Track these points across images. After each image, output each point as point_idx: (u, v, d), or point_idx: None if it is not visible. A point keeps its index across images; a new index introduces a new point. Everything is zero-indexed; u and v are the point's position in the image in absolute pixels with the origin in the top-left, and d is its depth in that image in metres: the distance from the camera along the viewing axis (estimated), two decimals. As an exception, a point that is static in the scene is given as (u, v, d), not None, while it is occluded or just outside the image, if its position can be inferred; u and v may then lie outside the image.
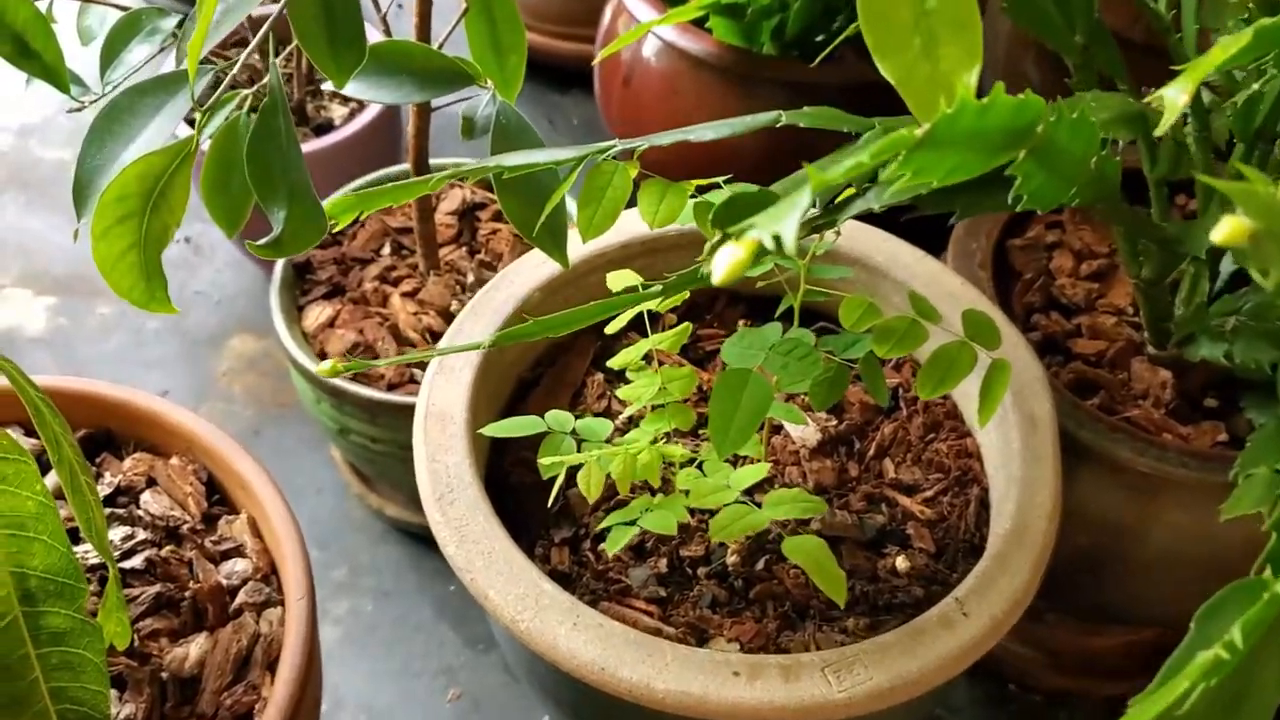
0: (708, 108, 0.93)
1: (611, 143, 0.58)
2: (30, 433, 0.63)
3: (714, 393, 0.56)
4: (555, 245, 0.62)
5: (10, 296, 1.15)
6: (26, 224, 1.22)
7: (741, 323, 0.76)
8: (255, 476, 0.61)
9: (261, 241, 0.57)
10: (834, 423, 0.70)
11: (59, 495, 0.58)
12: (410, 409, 0.80)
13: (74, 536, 0.56)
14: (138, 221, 0.52)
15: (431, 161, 0.83)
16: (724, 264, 0.31)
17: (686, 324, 0.66)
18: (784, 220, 0.32)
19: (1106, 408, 0.73)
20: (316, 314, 0.86)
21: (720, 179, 0.59)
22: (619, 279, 0.69)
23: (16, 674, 0.49)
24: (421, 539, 0.96)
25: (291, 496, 0.96)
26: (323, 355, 0.84)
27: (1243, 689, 0.37)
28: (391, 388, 0.82)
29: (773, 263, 0.63)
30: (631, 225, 0.74)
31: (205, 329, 1.12)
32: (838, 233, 0.57)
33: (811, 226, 0.54)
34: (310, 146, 0.96)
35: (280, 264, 0.88)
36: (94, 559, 0.58)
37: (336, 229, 0.70)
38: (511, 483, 0.69)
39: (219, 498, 0.63)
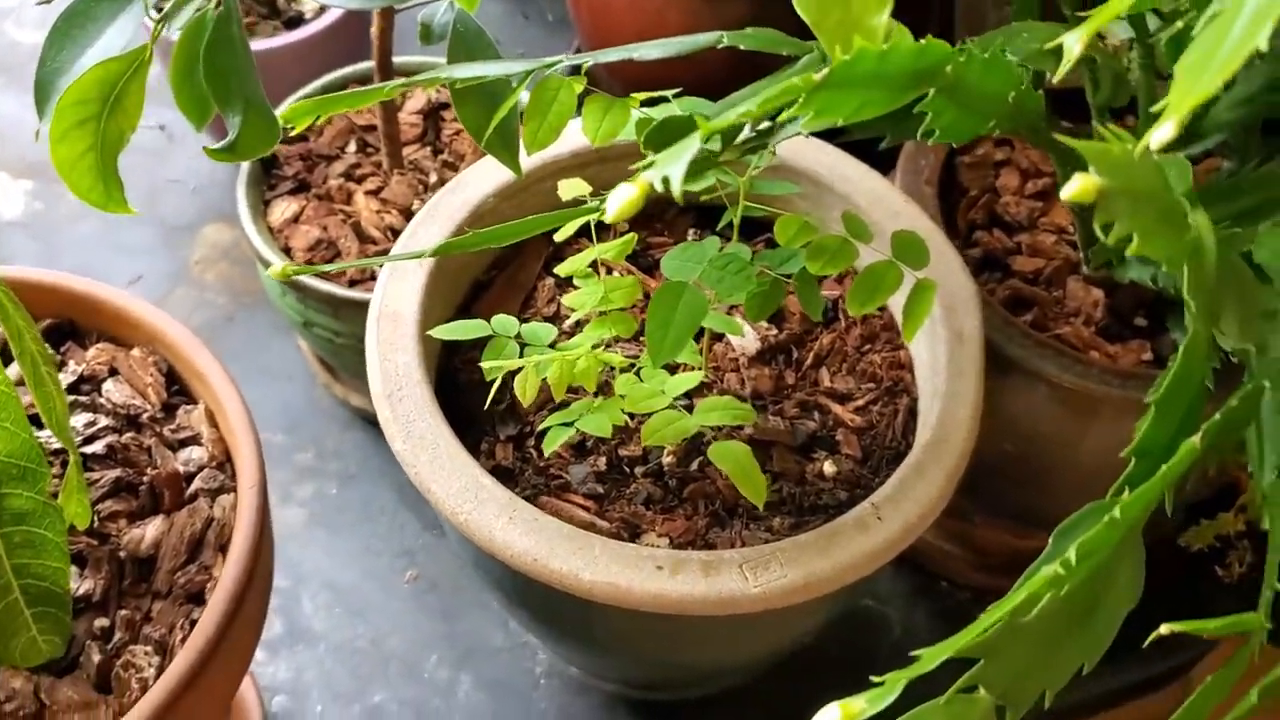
0: (675, 19, 0.93)
1: (558, 58, 0.60)
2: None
3: (651, 304, 0.58)
4: (508, 152, 0.64)
5: (-13, 179, 1.17)
6: (2, 107, 1.23)
7: (690, 232, 0.78)
8: (212, 369, 0.64)
9: (216, 145, 0.59)
10: (774, 332, 0.73)
11: (20, 384, 0.61)
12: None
13: (37, 423, 0.58)
14: (95, 125, 0.54)
15: (396, 60, 0.84)
16: (616, 203, 0.34)
17: (631, 235, 0.68)
18: (674, 164, 0.34)
19: (1039, 324, 0.76)
20: (282, 209, 0.88)
21: (669, 93, 0.61)
22: (570, 187, 0.71)
23: (-18, 551, 0.53)
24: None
25: (263, 383, 1.00)
26: (287, 250, 0.86)
27: (1094, 601, 0.41)
28: (353, 284, 0.84)
29: (714, 177, 0.65)
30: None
31: (180, 216, 1.13)
32: (773, 153, 0.59)
33: (745, 148, 0.56)
34: (280, 41, 0.97)
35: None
36: (56, 445, 0.61)
37: (294, 132, 0.72)
38: (460, 381, 0.72)
39: (178, 389, 0.66)
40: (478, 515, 0.61)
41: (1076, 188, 0.32)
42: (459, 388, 0.72)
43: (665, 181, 0.33)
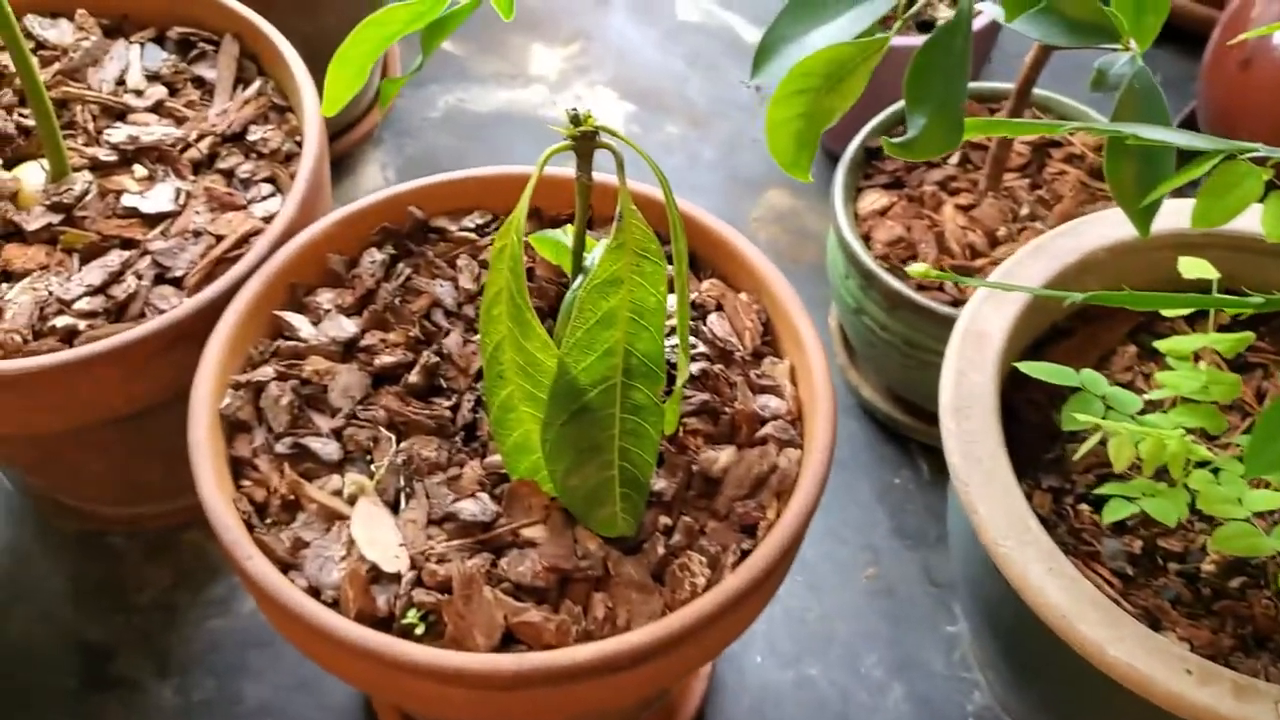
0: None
1: (1253, 145, 0.58)
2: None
3: (1267, 414, 0.57)
4: (1143, 217, 0.64)
5: (601, 93, 1.30)
6: (627, 31, 1.37)
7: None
8: (807, 334, 0.69)
9: (896, 140, 0.63)
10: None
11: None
12: (929, 313, 0.86)
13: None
14: (811, 98, 0.60)
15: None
16: None
17: (1248, 333, 0.66)
18: None
19: None
20: (872, 200, 0.93)
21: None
22: (1193, 267, 0.70)
23: (602, 426, 0.61)
24: (884, 426, 1.02)
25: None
26: (866, 239, 0.91)
27: None
28: (920, 288, 0.87)
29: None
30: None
31: (750, 173, 1.22)
32: None
33: None
34: (911, 40, 1.01)
35: (854, 145, 0.95)
36: (670, 357, 0.68)
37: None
38: (1016, 413, 0.73)
39: (769, 340, 0.72)
40: (1018, 554, 0.62)
41: None
42: (1010, 419, 0.73)
43: None
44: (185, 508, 0.89)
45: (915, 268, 0.60)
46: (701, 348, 0.71)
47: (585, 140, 0.59)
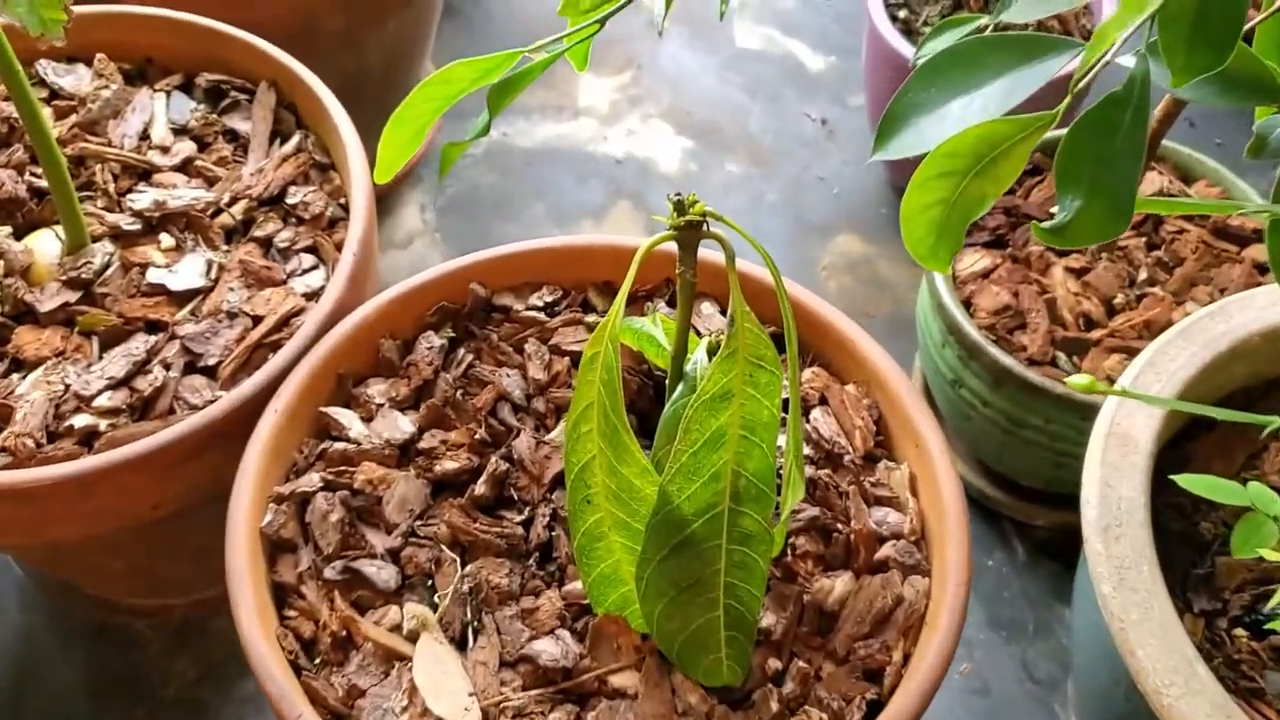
0: None
1: None
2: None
3: None
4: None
5: (656, 127, 1.21)
6: (683, 59, 1.28)
7: None
8: (930, 436, 0.60)
9: (1045, 225, 0.54)
10: None
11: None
12: (1042, 392, 0.77)
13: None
14: (955, 182, 0.51)
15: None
16: None
17: None
18: None
19: None
20: (971, 261, 0.84)
21: None
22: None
23: (707, 560, 0.52)
24: (974, 502, 0.93)
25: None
26: (967, 304, 0.82)
27: None
28: (1032, 363, 0.78)
29: None
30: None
31: (817, 216, 1.13)
32: None
33: None
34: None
35: (950, 196, 0.86)
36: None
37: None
38: (1157, 521, 0.64)
39: (882, 440, 0.63)
40: (1184, 705, 0.54)
41: None
42: (1156, 527, 0.64)
43: None
44: (215, 597, 0.81)
45: (1077, 380, 0.52)
46: (806, 450, 0.62)
47: (691, 231, 0.50)
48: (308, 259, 0.72)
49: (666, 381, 0.55)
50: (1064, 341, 0.80)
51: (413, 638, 0.56)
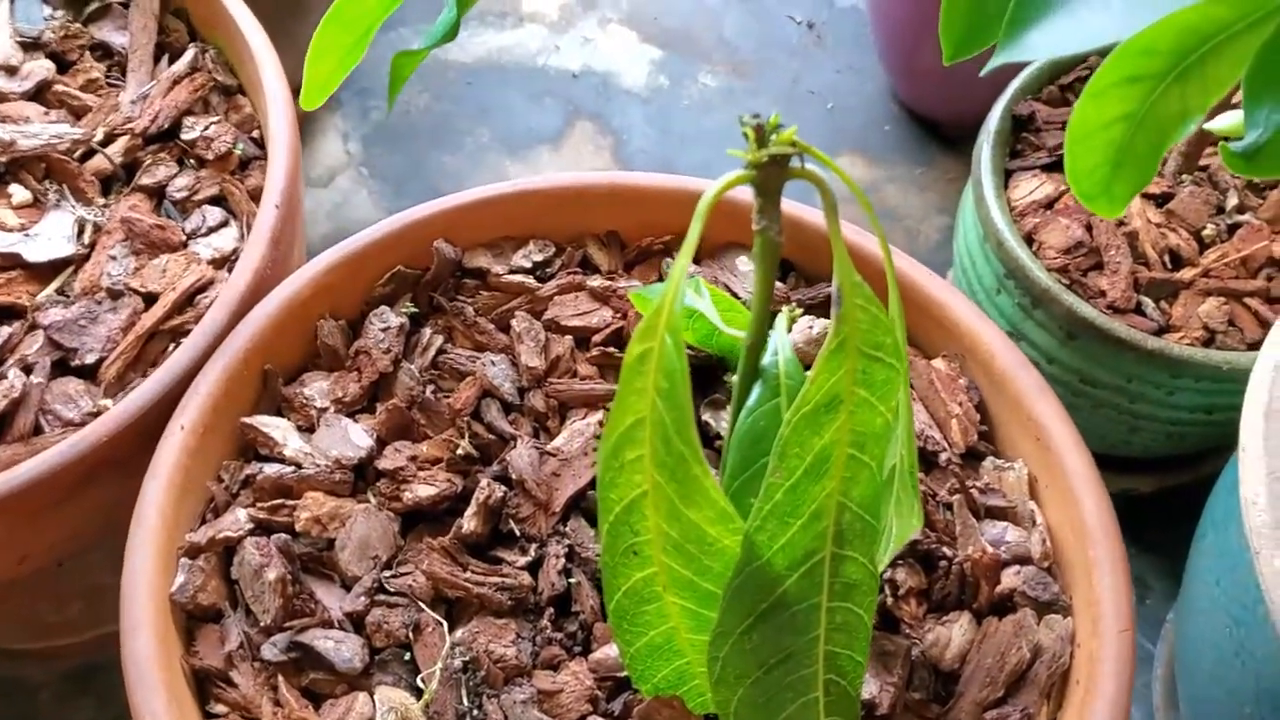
0: None
1: None
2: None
3: None
4: None
5: (616, 34, 1.04)
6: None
7: None
8: (1056, 424, 0.46)
9: (1237, 146, 0.39)
10: None
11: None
12: (1128, 346, 0.64)
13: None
14: (1148, 90, 0.36)
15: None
16: None
17: None
18: None
19: None
20: (1029, 188, 0.69)
21: None
22: None
23: (802, 627, 0.38)
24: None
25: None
26: (1029, 240, 0.68)
27: None
28: (1114, 311, 0.65)
29: None
30: None
31: (811, 136, 0.96)
32: None
33: None
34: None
35: (998, 111, 0.71)
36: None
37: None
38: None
39: (987, 431, 0.49)
40: None
41: None
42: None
43: None
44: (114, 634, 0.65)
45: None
46: (887, 447, 0.48)
47: (774, 169, 0.35)
48: (214, 213, 0.54)
49: (735, 377, 0.40)
50: (1150, 284, 0.66)
51: (391, 738, 0.41)
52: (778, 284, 0.54)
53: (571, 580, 0.44)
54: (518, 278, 0.52)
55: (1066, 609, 0.44)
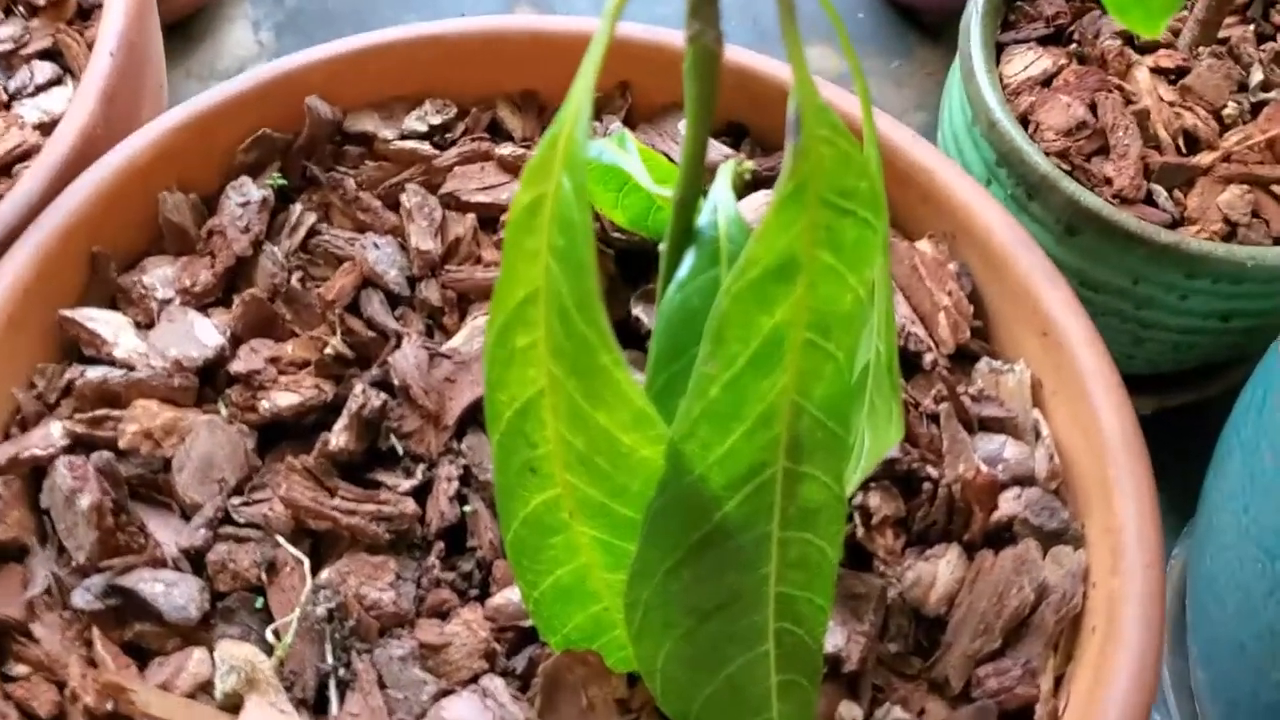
0: None
1: None
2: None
3: None
4: None
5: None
6: None
7: None
8: (1068, 316, 0.38)
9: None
10: None
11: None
12: (1137, 241, 0.55)
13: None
14: None
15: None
16: None
17: None
18: None
19: None
20: (1023, 63, 0.60)
21: None
22: None
23: (748, 563, 0.30)
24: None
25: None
26: (1024, 121, 0.59)
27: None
28: (1121, 201, 0.56)
29: None
30: None
31: (776, 23, 0.88)
32: None
33: None
34: None
35: (989, -26, 0.62)
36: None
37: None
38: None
39: (982, 325, 0.41)
40: None
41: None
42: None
43: None
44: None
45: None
46: (859, 347, 0.39)
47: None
48: (45, 69, 0.45)
49: (662, 247, 0.31)
50: (1162, 170, 0.57)
51: (233, 705, 0.32)
52: (729, 150, 0.45)
53: (467, 509, 0.36)
54: (410, 144, 0.43)
55: (1079, 540, 0.36)
